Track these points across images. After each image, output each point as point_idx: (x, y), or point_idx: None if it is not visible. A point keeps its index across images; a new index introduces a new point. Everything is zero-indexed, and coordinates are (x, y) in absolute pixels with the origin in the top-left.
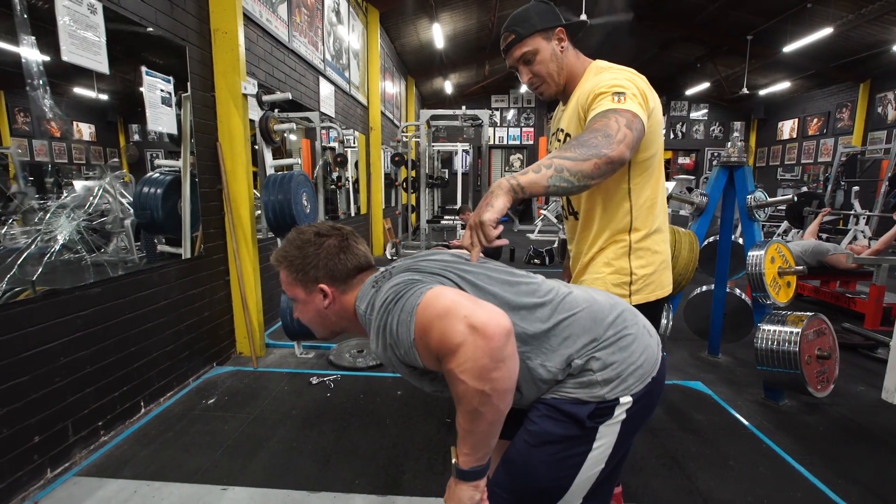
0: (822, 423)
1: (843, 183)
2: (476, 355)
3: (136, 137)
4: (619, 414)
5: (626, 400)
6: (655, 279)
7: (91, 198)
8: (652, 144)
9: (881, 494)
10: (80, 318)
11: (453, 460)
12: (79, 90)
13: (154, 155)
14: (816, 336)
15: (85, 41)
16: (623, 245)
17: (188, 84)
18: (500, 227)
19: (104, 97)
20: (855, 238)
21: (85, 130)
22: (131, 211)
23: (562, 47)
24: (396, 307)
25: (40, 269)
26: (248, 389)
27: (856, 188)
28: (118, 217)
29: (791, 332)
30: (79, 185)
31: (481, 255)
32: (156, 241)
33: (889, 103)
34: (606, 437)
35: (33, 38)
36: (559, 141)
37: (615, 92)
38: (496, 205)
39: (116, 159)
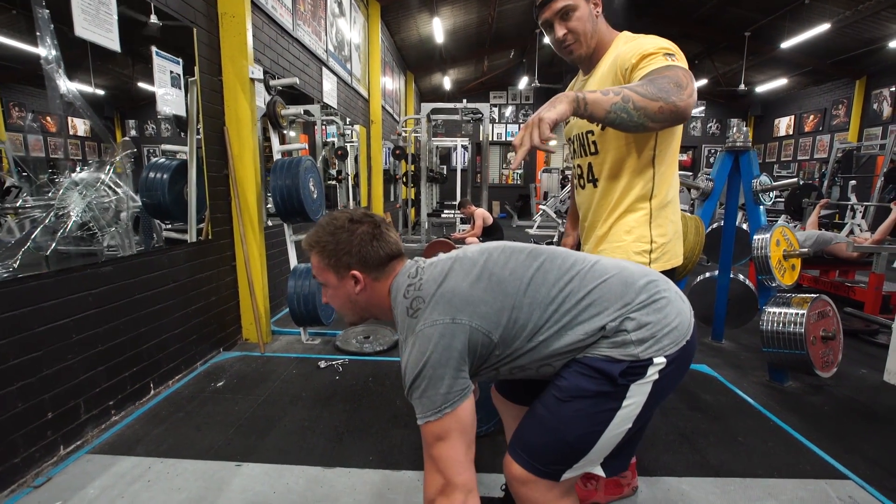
0: (827, 403)
1: (838, 179)
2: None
3: (133, 133)
4: (652, 374)
5: (660, 360)
6: (671, 248)
7: (103, 176)
8: None
9: (888, 468)
10: (91, 296)
11: None
12: (76, 85)
13: (151, 150)
14: (821, 318)
15: (97, 17)
16: (644, 213)
17: (195, 68)
18: (555, 137)
19: (101, 92)
20: (851, 232)
21: (80, 125)
22: (128, 203)
23: (597, 12)
24: (425, 371)
25: (54, 244)
26: (257, 373)
27: (852, 182)
28: (129, 197)
29: (796, 314)
30: (78, 177)
31: (482, 241)
32: (153, 232)
33: (885, 100)
34: (637, 397)
35: (48, 11)
36: None
37: (666, 53)
38: (558, 107)
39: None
